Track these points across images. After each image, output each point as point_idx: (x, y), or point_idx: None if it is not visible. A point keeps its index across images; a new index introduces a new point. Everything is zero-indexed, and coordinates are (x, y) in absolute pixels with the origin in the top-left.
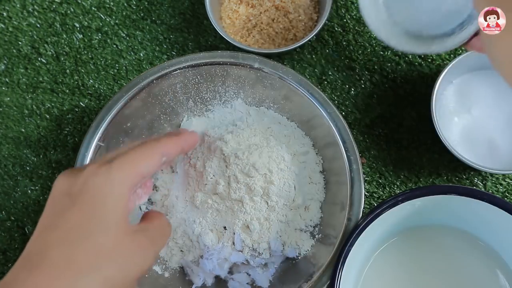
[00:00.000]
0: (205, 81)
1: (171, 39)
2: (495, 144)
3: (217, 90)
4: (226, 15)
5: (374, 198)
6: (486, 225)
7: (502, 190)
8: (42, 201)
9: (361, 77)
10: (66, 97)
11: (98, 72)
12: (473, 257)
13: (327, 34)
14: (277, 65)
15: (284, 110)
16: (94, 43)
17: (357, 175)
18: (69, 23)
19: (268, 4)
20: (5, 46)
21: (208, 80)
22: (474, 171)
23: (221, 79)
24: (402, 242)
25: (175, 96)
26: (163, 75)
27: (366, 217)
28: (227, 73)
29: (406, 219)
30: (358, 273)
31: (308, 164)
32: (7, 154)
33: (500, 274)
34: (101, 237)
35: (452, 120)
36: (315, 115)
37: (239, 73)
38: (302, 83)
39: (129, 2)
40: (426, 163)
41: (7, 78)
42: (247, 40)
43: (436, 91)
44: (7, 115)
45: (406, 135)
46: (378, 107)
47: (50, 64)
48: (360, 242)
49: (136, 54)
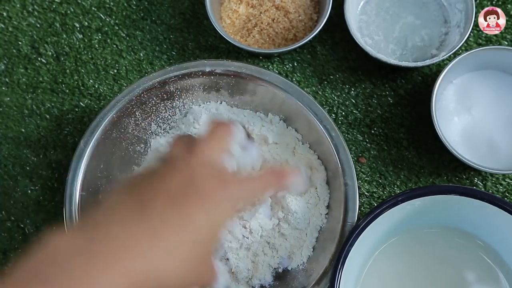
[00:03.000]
0: (161, 100)
1: (171, 39)
2: (495, 144)
3: (175, 106)
4: (226, 15)
5: (374, 198)
6: (486, 225)
7: (502, 190)
8: (42, 201)
9: (361, 77)
10: (66, 97)
11: (98, 72)
12: (473, 257)
13: (327, 34)
14: (227, 62)
15: (248, 105)
16: (94, 43)
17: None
18: (69, 23)
19: (268, 4)
20: (5, 46)
21: (164, 98)
22: (474, 171)
23: (176, 93)
24: (402, 242)
25: (137, 124)
26: (121, 109)
27: (366, 217)
28: (180, 85)
29: (406, 219)
30: (358, 273)
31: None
32: (7, 154)
33: (500, 274)
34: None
35: (452, 120)
36: (297, 112)
37: (191, 82)
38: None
39: (129, 2)
40: (426, 163)
41: (7, 78)
42: (247, 40)
43: (436, 91)
44: (7, 115)
45: (406, 135)
46: (378, 107)
47: (50, 64)
48: (360, 242)
49: (136, 54)
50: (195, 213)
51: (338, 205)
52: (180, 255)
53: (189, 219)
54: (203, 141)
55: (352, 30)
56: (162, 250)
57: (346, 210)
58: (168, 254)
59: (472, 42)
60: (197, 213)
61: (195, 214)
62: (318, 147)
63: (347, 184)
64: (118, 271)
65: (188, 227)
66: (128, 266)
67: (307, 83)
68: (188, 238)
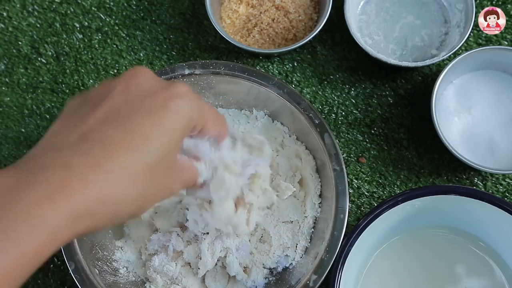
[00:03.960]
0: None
1: (171, 39)
2: (495, 144)
3: None
4: (226, 15)
5: (374, 198)
6: (486, 225)
7: (502, 190)
8: None
9: (361, 77)
10: (66, 97)
11: (98, 72)
12: (473, 257)
13: (327, 34)
14: (206, 62)
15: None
16: (94, 43)
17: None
18: (69, 23)
19: (268, 4)
20: (5, 46)
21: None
22: (474, 171)
23: None
24: (402, 242)
25: None
26: None
27: (366, 217)
28: None
29: (406, 219)
30: (358, 273)
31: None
32: (7, 154)
33: (500, 274)
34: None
35: (452, 120)
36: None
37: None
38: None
39: (129, 2)
40: (426, 163)
41: (7, 78)
42: (247, 40)
43: (436, 91)
44: (7, 115)
45: (406, 135)
46: (378, 107)
47: (50, 64)
48: (360, 242)
49: (136, 54)
50: (140, 124)
51: (330, 193)
52: (132, 176)
53: (134, 133)
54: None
55: (352, 30)
56: (109, 176)
57: (337, 195)
58: (117, 179)
59: (472, 42)
60: (142, 124)
61: (140, 126)
62: (305, 137)
63: (335, 169)
64: (58, 204)
65: (134, 143)
66: (69, 197)
67: (307, 83)
68: (137, 155)
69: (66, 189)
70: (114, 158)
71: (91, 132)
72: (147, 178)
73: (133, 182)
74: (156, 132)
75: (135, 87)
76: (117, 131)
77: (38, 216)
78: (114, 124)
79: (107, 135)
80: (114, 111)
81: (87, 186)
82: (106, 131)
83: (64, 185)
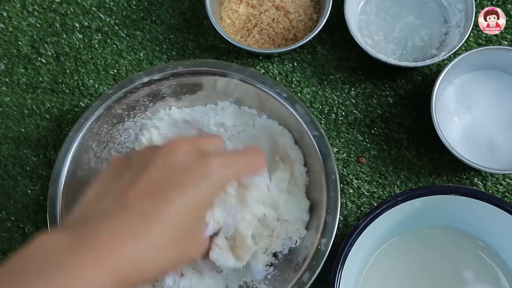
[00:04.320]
0: (112, 126)
1: (171, 39)
2: (495, 144)
3: (127, 127)
4: (226, 15)
5: (374, 198)
6: (486, 225)
7: (502, 190)
8: (42, 201)
9: (361, 77)
10: (66, 97)
11: (98, 72)
12: (473, 257)
13: (327, 34)
14: (164, 66)
15: (197, 101)
16: (94, 43)
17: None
18: (69, 23)
19: (268, 4)
20: (5, 46)
21: (114, 123)
22: (474, 171)
23: (124, 114)
24: (402, 242)
25: (97, 157)
26: (78, 146)
27: (366, 217)
28: (126, 105)
29: (406, 219)
30: (358, 273)
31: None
32: (7, 154)
33: (500, 274)
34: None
35: (452, 120)
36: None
37: (135, 98)
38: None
39: (129, 2)
40: (426, 163)
41: (7, 78)
42: (247, 40)
43: (436, 91)
44: (7, 115)
45: (406, 135)
46: (378, 107)
47: (50, 64)
48: (360, 242)
49: (136, 54)
50: (173, 198)
51: (314, 158)
52: (158, 244)
53: (167, 205)
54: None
55: (352, 30)
56: (142, 244)
57: (323, 159)
58: (148, 246)
59: (472, 42)
60: (175, 198)
61: (173, 199)
62: (277, 114)
63: (315, 135)
64: (105, 266)
65: (166, 214)
66: (113, 261)
67: (307, 83)
68: (166, 225)
69: (111, 254)
70: (150, 227)
71: (132, 204)
72: (176, 246)
73: (164, 249)
74: (186, 207)
75: (173, 164)
76: (154, 205)
77: (92, 275)
78: (152, 198)
79: (145, 208)
80: (153, 185)
81: (128, 254)
82: (145, 204)
83: (109, 251)
